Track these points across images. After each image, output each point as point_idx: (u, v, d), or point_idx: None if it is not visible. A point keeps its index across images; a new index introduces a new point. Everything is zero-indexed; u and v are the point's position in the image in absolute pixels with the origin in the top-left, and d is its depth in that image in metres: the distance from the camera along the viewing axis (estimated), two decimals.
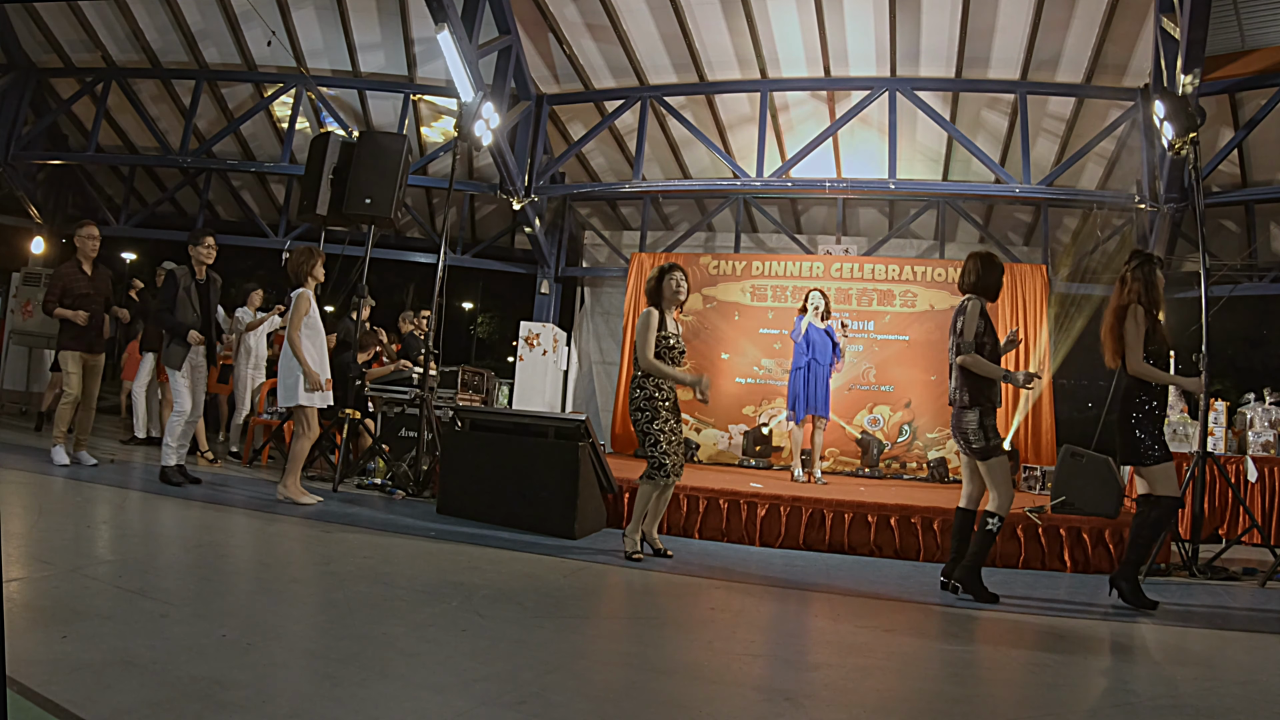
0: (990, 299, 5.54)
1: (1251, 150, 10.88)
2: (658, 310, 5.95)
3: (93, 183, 15.71)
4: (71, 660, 2.75)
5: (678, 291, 6.04)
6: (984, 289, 5.53)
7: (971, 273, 5.55)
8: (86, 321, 7.86)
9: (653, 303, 6.02)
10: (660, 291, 6.00)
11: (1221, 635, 4.66)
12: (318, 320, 7.23)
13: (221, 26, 12.47)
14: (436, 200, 15.11)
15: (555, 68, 12.41)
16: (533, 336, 13.13)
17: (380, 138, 8.65)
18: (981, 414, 5.23)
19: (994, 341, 5.39)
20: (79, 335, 7.92)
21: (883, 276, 12.00)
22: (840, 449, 11.35)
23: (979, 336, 5.35)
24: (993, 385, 5.31)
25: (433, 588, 4.49)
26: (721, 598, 5.06)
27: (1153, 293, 5.36)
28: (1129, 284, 5.41)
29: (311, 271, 7.26)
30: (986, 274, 5.53)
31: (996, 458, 5.25)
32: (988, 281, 5.53)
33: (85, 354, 7.96)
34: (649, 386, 5.86)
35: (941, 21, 10.50)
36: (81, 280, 7.98)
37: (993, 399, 5.29)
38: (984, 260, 5.57)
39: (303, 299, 7.11)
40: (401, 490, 8.11)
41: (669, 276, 6.00)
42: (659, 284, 6.00)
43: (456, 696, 2.83)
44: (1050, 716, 3.14)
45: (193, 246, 7.72)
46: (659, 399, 5.85)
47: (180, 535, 5.63)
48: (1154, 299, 5.36)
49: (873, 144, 12.00)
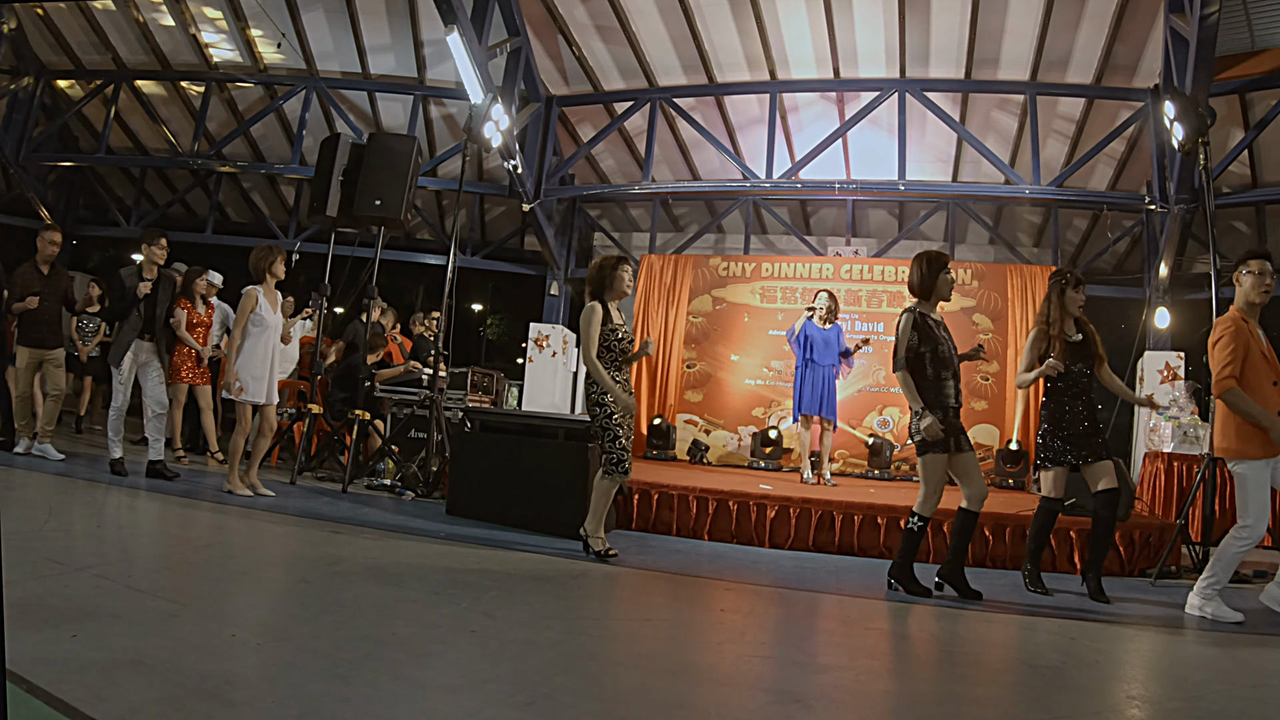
0: (928, 299, 5.58)
1: (1262, 151, 10.84)
2: (601, 304, 5.91)
3: (103, 184, 15.79)
4: (81, 659, 2.75)
5: (628, 285, 6.00)
6: (920, 292, 5.59)
7: (910, 275, 5.66)
8: (37, 305, 8.05)
9: (596, 295, 5.97)
10: (608, 284, 5.95)
11: (1232, 637, 4.63)
12: (266, 316, 7.27)
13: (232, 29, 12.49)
14: (446, 202, 15.15)
15: (565, 69, 12.42)
16: (542, 338, 13.14)
17: (390, 139, 8.66)
18: (917, 416, 5.30)
19: (933, 350, 5.39)
20: (29, 330, 8.15)
21: (892, 278, 11.97)
22: (850, 451, 11.33)
23: (912, 350, 5.40)
24: (928, 390, 5.34)
25: (442, 588, 4.48)
26: (731, 599, 5.05)
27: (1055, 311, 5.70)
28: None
29: (270, 268, 7.33)
30: (915, 275, 5.61)
31: (925, 455, 5.33)
32: (918, 283, 5.59)
33: (36, 349, 8.17)
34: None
35: (951, 22, 10.48)
36: (36, 280, 8.19)
37: (930, 402, 5.30)
38: (917, 261, 5.65)
39: (250, 295, 7.22)
40: (411, 491, 8.12)
41: (620, 269, 5.97)
42: (609, 277, 5.94)
43: (466, 697, 2.83)
44: (1060, 719, 3.12)
45: (145, 245, 7.86)
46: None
47: (188, 535, 5.65)
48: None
49: (882, 145, 11.96)
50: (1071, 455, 5.54)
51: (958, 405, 5.40)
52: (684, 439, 12.04)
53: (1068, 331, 5.63)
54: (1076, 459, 5.54)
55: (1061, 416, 5.59)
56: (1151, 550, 6.61)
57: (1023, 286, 11.40)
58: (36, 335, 8.15)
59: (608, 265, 5.97)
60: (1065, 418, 5.58)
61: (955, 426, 5.33)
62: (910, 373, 5.36)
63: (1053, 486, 5.61)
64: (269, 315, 7.27)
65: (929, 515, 5.40)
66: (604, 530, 5.90)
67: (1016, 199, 11.97)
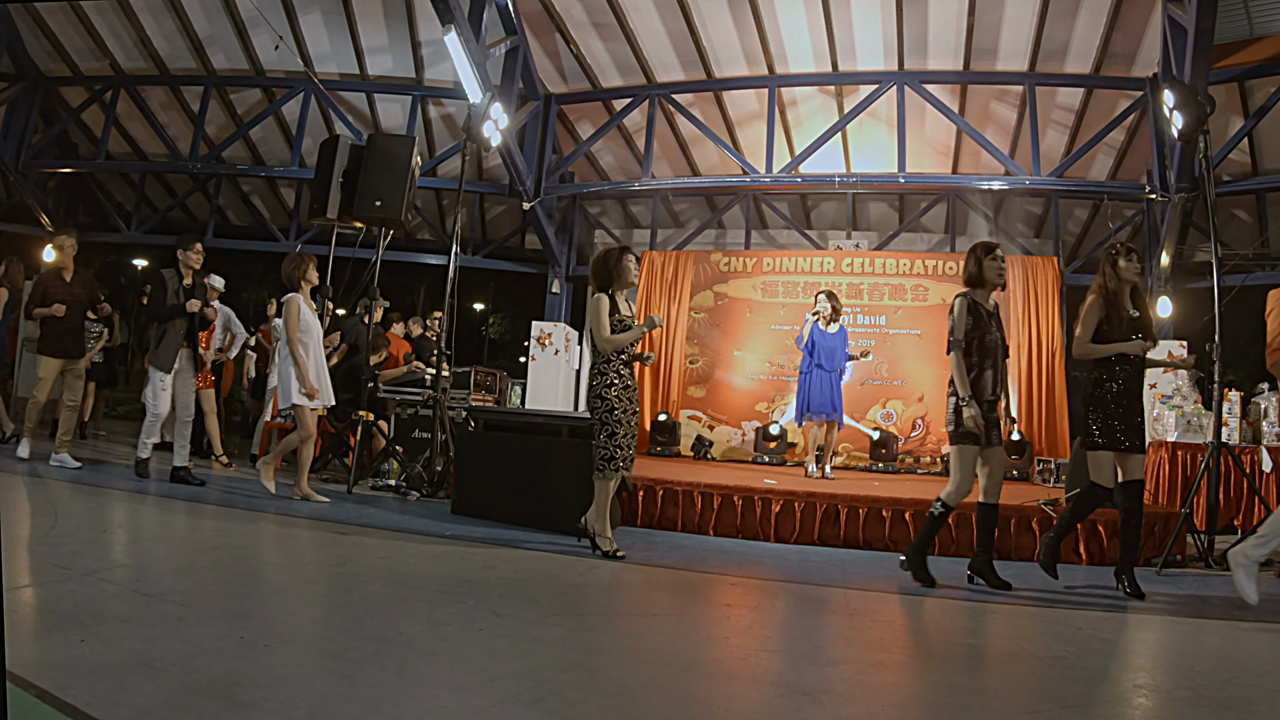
0: (980, 286, 5.61)
1: (1261, 139, 10.83)
2: (607, 295, 5.88)
3: (103, 190, 15.78)
4: (90, 663, 2.76)
5: (634, 275, 5.98)
6: (970, 280, 5.63)
7: (965, 266, 5.73)
8: (63, 313, 8.03)
9: (603, 287, 5.92)
10: (616, 275, 5.90)
11: (1238, 626, 4.62)
12: (310, 322, 7.35)
13: (229, 32, 12.50)
14: (446, 201, 15.13)
15: (563, 67, 12.42)
16: (545, 336, 13.13)
17: (389, 140, 8.66)
18: (960, 402, 5.30)
19: (980, 338, 5.43)
20: (54, 339, 8.12)
21: (894, 271, 11.99)
22: (854, 444, 11.33)
23: (967, 333, 5.43)
24: (974, 378, 5.37)
25: (449, 587, 4.49)
26: (737, 594, 5.05)
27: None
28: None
29: (304, 276, 7.38)
30: (967, 264, 5.69)
31: (958, 444, 5.34)
32: (968, 271, 5.66)
33: (61, 359, 8.15)
34: (610, 374, 5.80)
35: (949, 14, 10.48)
36: (60, 287, 8.14)
37: (973, 391, 5.32)
38: (970, 252, 5.72)
39: (293, 303, 7.24)
40: (416, 491, 8.13)
41: (625, 258, 5.93)
42: (615, 268, 5.90)
43: (474, 695, 2.83)
44: (1068, 709, 3.12)
45: (182, 251, 7.86)
46: (619, 386, 5.78)
47: (195, 539, 5.65)
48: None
49: (881, 138, 11.97)
50: (1124, 440, 5.29)
51: (994, 398, 5.40)
52: (688, 435, 12.06)
53: (1125, 305, 5.43)
54: (1128, 444, 5.30)
55: (1116, 398, 5.34)
56: (1156, 540, 6.60)
57: (1024, 277, 11.42)
58: (60, 345, 8.13)
59: (612, 256, 5.94)
60: (1121, 400, 5.33)
61: (990, 420, 5.34)
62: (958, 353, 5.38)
63: (1102, 471, 5.33)
64: (312, 321, 7.37)
65: (954, 505, 5.38)
66: (610, 528, 5.88)
67: (1017, 190, 11.95)
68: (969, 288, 5.61)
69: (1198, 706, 3.20)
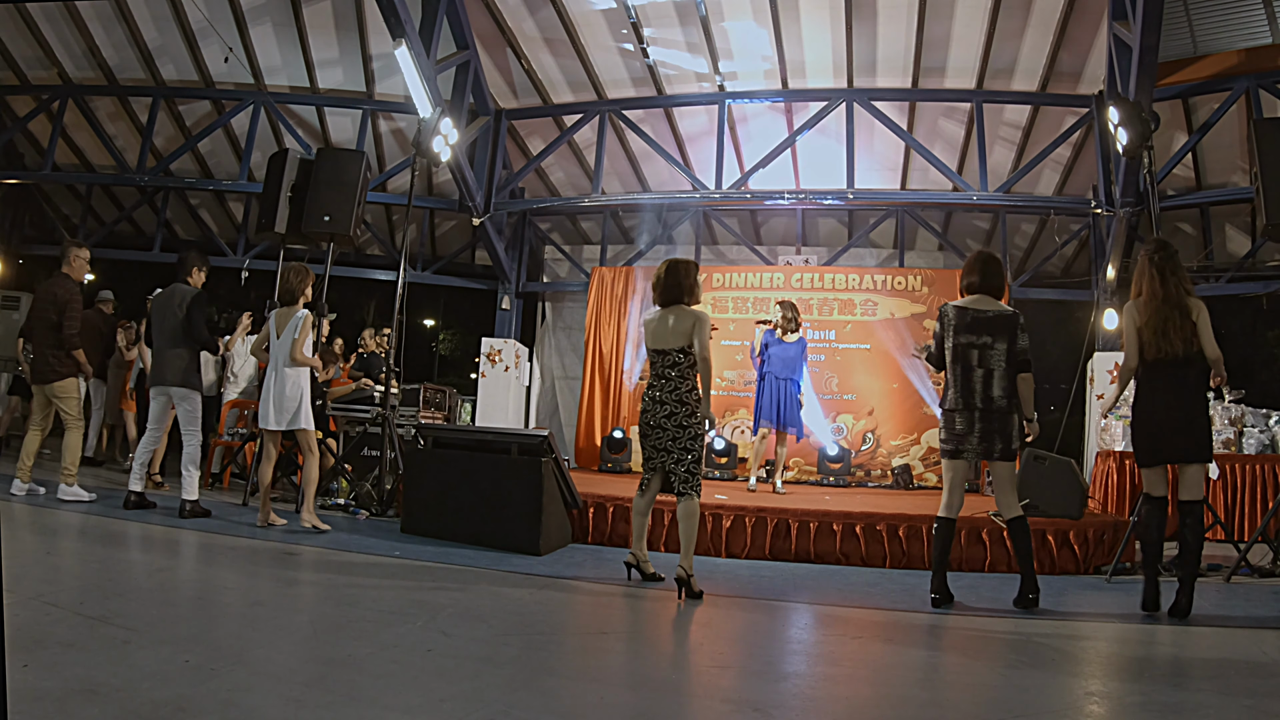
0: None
1: (1205, 154, 11.09)
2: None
3: (49, 202, 15.52)
4: (32, 689, 2.71)
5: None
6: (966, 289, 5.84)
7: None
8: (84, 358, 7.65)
9: (675, 300, 5.72)
10: (698, 287, 5.72)
11: (1188, 631, 4.72)
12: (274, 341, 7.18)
13: (178, 43, 12.35)
14: (396, 217, 15.02)
15: (514, 83, 12.41)
16: (495, 353, 13.09)
17: (338, 154, 8.62)
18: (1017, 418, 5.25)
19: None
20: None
21: (843, 286, 12.12)
22: (804, 459, 11.40)
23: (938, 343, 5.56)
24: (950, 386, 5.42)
25: (398, 608, 4.46)
26: (689, 610, 5.06)
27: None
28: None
29: (305, 290, 7.18)
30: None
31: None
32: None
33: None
34: (692, 401, 5.80)
35: (898, 32, 10.61)
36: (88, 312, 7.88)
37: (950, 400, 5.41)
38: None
39: (309, 320, 7.05)
40: (365, 510, 8.05)
41: (698, 272, 5.73)
42: (696, 281, 5.70)
43: (424, 716, 2.82)
44: (1020, 718, 3.17)
45: (195, 269, 7.55)
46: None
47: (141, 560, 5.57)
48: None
49: (831, 154, 12.06)
50: (1165, 453, 5.16)
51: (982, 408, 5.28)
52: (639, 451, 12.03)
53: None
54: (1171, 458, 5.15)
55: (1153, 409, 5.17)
56: (1105, 547, 6.71)
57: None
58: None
59: (694, 267, 5.72)
60: (1157, 410, 5.15)
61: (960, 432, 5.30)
62: (933, 366, 5.40)
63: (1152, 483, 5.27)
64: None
65: (942, 515, 5.30)
66: (635, 554, 5.65)
67: (965, 205, 12.11)
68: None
69: (1149, 711, 3.26)
